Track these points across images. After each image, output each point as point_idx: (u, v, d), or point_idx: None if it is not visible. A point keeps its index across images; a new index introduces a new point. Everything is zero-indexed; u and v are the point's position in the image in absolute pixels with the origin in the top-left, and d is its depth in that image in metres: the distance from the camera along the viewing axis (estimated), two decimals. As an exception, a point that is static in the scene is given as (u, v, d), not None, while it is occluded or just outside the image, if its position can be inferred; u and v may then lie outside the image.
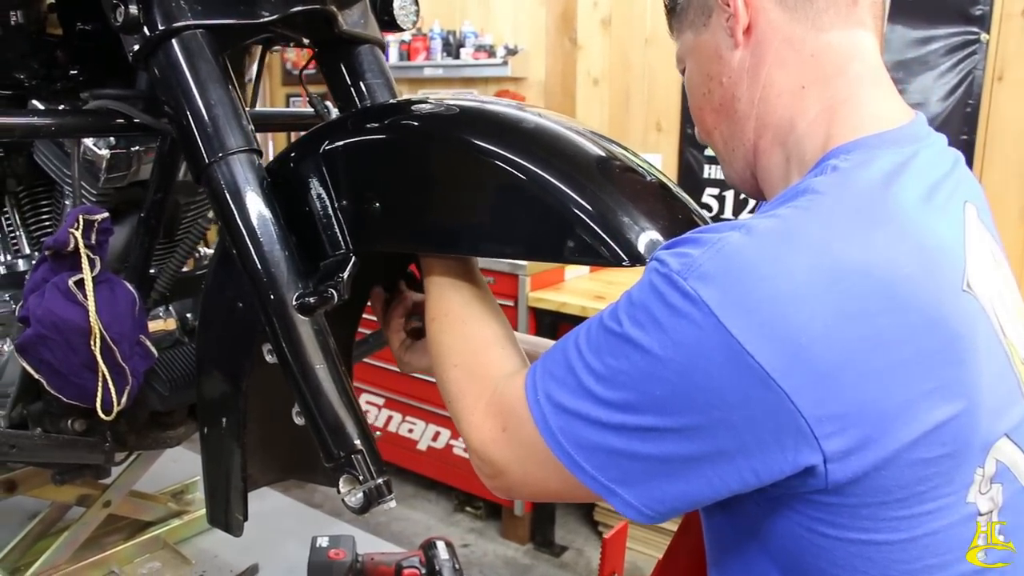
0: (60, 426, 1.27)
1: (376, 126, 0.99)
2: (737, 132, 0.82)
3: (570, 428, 0.72)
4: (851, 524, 0.68)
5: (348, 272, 0.96)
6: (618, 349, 0.69)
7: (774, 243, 0.65)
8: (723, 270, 0.64)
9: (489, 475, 0.81)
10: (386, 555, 1.61)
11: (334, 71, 1.22)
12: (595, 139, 0.92)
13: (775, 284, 0.63)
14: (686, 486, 0.69)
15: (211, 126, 0.98)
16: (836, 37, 0.76)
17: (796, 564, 0.73)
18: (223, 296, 1.08)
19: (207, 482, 1.16)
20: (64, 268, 1.11)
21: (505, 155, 0.86)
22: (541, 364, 0.77)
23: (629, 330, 0.68)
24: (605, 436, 0.70)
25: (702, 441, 0.66)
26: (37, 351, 1.11)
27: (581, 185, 0.83)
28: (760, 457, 0.65)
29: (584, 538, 3.17)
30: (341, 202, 0.98)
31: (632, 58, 3.22)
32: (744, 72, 0.79)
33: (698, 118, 0.87)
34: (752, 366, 0.62)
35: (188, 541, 1.72)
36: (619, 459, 0.70)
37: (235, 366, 1.08)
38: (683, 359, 0.65)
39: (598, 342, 0.71)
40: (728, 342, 0.63)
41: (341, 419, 0.95)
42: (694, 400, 0.65)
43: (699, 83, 0.84)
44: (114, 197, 1.27)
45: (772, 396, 0.63)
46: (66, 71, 1.23)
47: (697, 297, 0.64)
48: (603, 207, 0.81)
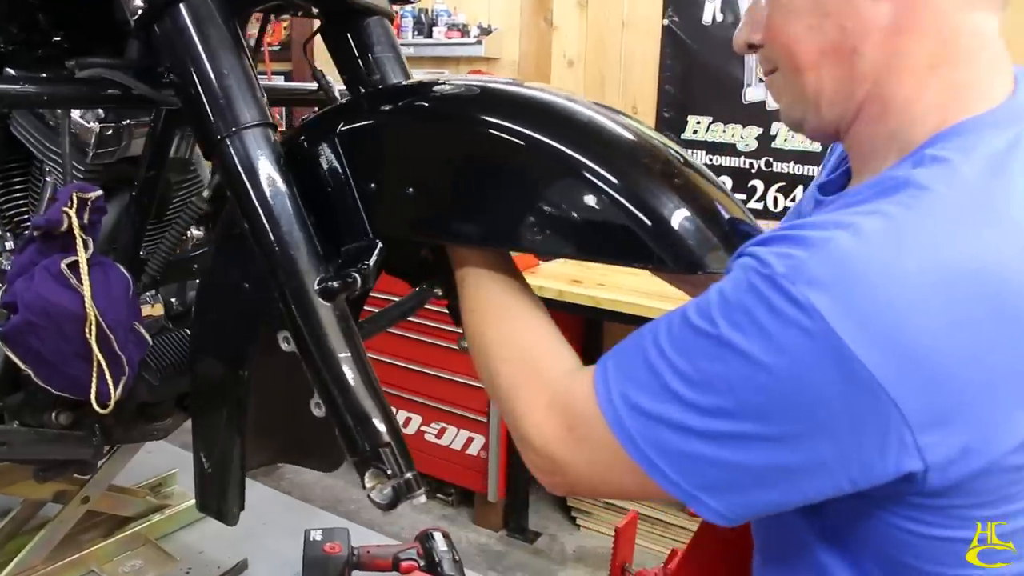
0: (43, 420, 1.19)
1: (411, 108, 0.93)
2: (845, 87, 0.74)
3: (651, 433, 0.68)
4: (940, 522, 0.67)
5: (375, 259, 0.90)
6: (712, 352, 0.65)
7: (884, 246, 0.62)
8: (834, 275, 0.61)
9: (548, 471, 0.77)
10: (382, 548, 1.56)
11: (341, 43, 1.16)
12: (640, 129, 0.89)
13: (888, 291, 0.61)
14: (776, 494, 0.67)
15: (224, 98, 0.92)
16: (979, 18, 0.71)
17: (877, 557, 0.72)
18: (226, 277, 1.02)
19: (199, 469, 1.11)
20: (54, 250, 1.03)
21: (563, 149, 0.81)
22: (613, 364, 0.73)
23: (726, 332, 0.64)
24: (692, 442, 0.66)
25: (800, 450, 0.64)
26: (24, 340, 1.03)
27: (646, 184, 0.79)
28: (859, 465, 0.63)
29: (557, 524, 3.14)
30: (367, 186, 0.92)
31: (608, 40, 3.18)
32: (879, 30, 0.71)
33: (786, 46, 0.76)
34: (862, 374, 0.60)
35: (170, 536, 1.64)
36: (706, 466, 0.67)
37: (238, 351, 1.03)
38: (788, 365, 0.62)
39: (685, 343, 0.68)
40: (839, 350, 0.60)
41: (368, 411, 0.90)
42: (796, 407, 0.63)
43: (806, 11, 0.74)
44: (103, 174, 1.19)
45: (879, 405, 0.61)
46: (48, 37, 1.14)
47: (807, 303, 0.61)
48: (671, 209, 0.78)
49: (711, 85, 2.93)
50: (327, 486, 3.29)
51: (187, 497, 1.72)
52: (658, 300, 2.47)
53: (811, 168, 2.77)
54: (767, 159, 2.84)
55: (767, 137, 2.84)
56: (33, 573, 1.45)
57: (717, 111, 2.93)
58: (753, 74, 2.83)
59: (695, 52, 2.94)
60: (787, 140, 2.80)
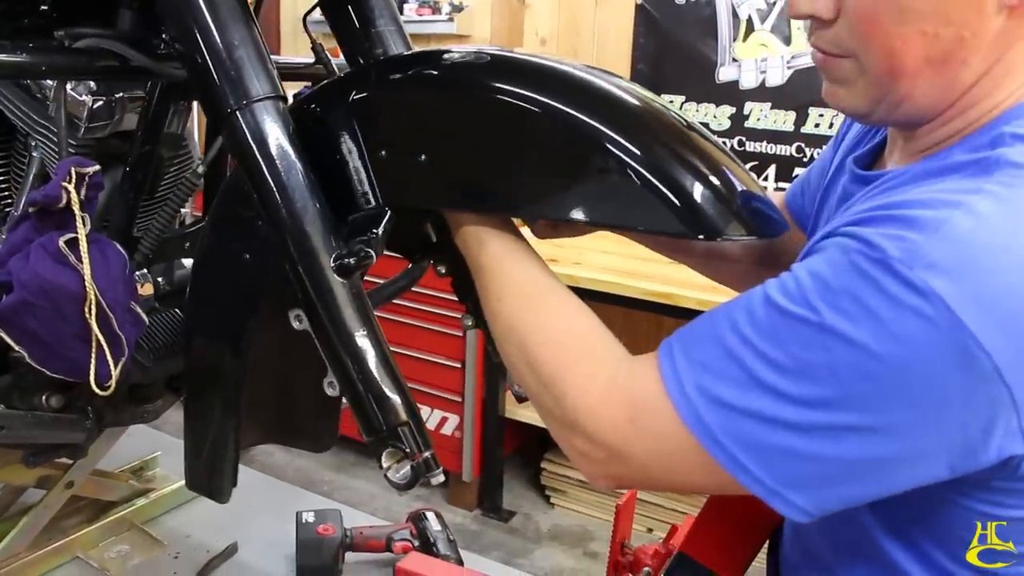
0: (32, 402, 1.15)
1: (424, 76, 0.91)
2: (941, 95, 0.72)
3: (734, 426, 0.65)
4: (1019, 504, 0.68)
5: (383, 227, 0.89)
6: (812, 339, 0.63)
7: (1002, 228, 0.61)
8: (954, 259, 0.60)
9: (599, 461, 0.74)
10: (375, 528, 1.55)
11: (342, 15, 1.12)
12: (649, 96, 0.88)
13: (1009, 275, 0.60)
14: (868, 486, 0.66)
15: (234, 70, 0.88)
16: None
17: (942, 541, 0.72)
18: (226, 254, 0.99)
19: (189, 446, 1.09)
20: (50, 227, 0.99)
21: (585, 115, 0.80)
22: (682, 351, 0.70)
23: (829, 319, 0.62)
24: (782, 435, 0.64)
25: (904, 439, 0.62)
26: (20, 320, 0.99)
27: (667, 152, 0.79)
28: (962, 452, 0.63)
29: (531, 503, 3.16)
30: (377, 153, 0.90)
31: (581, 18, 3.17)
32: (991, 43, 0.69)
33: (887, 48, 0.70)
34: (982, 360, 0.59)
35: (156, 520, 1.61)
36: (796, 460, 0.65)
37: (237, 327, 1.01)
38: (903, 353, 0.60)
39: (775, 330, 0.65)
40: (960, 337, 0.59)
41: (386, 389, 0.88)
42: (907, 396, 0.61)
43: (926, 17, 0.68)
44: (95, 149, 1.15)
45: (994, 390, 0.60)
46: (35, 5, 1.09)
47: (927, 288, 0.59)
48: (693, 178, 0.77)
49: (684, 64, 2.93)
50: (299, 468, 3.27)
51: (170, 480, 1.68)
52: (633, 279, 2.49)
53: (783, 147, 2.80)
54: (740, 138, 2.86)
55: (740, 116, 2.86)
56: (17, 560, 1.40)
57: (690, 90, 2.94)
58: (727, 54, 2.85)
59: (668, 31, 2.95)
60: (759, 120, 2.83)
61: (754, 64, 2.81)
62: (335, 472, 3.31)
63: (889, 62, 0.71)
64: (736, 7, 2.80)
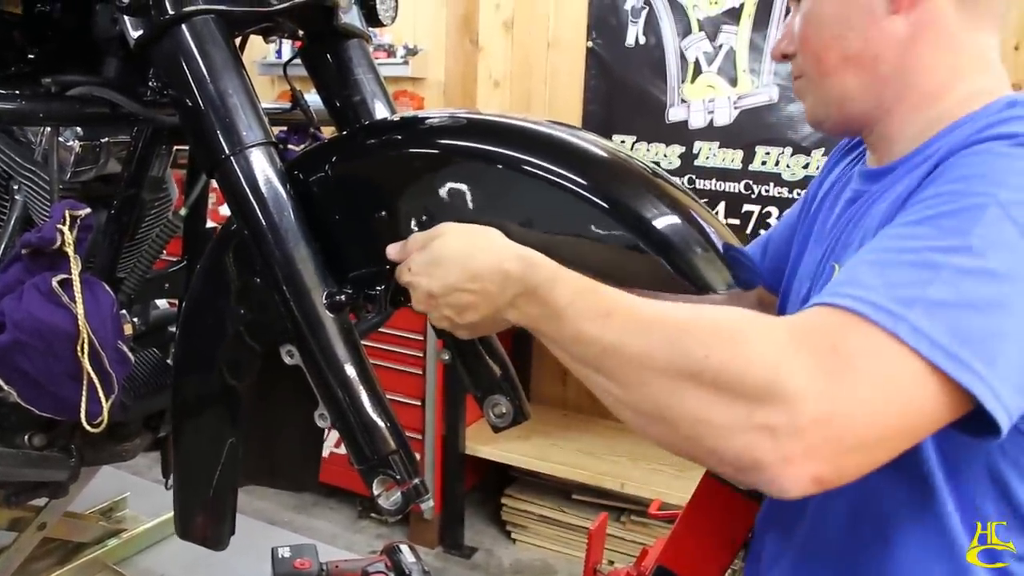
0: (15, 441, 1.16)
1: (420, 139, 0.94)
2: (870, 88, 0.85)
3: (954, 322, 0.62)
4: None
5: (390, 286, 0.92)
6: (992, 218, 0.65)
7: None
8: None
9: (800, 431, 0.62)
10: (350, 561, 1.56)
11: (321, 63, 1.18)
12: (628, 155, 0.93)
13: None
14: None
15: (228, 117, 0.93)
16: (984, 38, 0.83)
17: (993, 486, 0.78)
18: (218, 295, 1.02)
19: (183, 495, 1.10)
20: (42, 267, 1.02)
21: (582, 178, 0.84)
22: (862, 286, 0.66)
23: (1004, 196, 0.66)
24: (999, 318, 0.63)
25: None
26: (12, 359, 1.01)
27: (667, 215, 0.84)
28: None
29: (492, 539, 3.17)
30: (378, 214, 0.92)
31: (534, 61, 3.25)
32: (895, 41, 0.82)
33: (815, 54, 0.87)
34: None
35: (129, 561, 1.61)
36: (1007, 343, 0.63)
37: (232, 369, 1.03)
38: None
39: (949, 225, 0.67)
40: None
41: (376, 419, 0.93)
42: None
43: (833, 23, 0.85)
44: (80, 192, 1.18)
45: None
46: (23, 54, 1.13)
47: None
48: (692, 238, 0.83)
49: (634, 105, 3.03)
50: (259, 509, 3.23)
51: (140, 521, 1.68)
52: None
53: (731, 184, 2.90)
54: (690, 176, 2.96)
55: (690, 155, 2.96)
56: (-11, 604, 1.40)
57: (641, 131, 3.03)
58: (676, 95, 2.96)
59: (618, 73, 3.04)
60: (708, 158, 2.93)
61: (702, 105, 2.91)
62: (295, 512, 3.28)
63: (817, 65, 0.88)
64: (684, 50, 2.92)
